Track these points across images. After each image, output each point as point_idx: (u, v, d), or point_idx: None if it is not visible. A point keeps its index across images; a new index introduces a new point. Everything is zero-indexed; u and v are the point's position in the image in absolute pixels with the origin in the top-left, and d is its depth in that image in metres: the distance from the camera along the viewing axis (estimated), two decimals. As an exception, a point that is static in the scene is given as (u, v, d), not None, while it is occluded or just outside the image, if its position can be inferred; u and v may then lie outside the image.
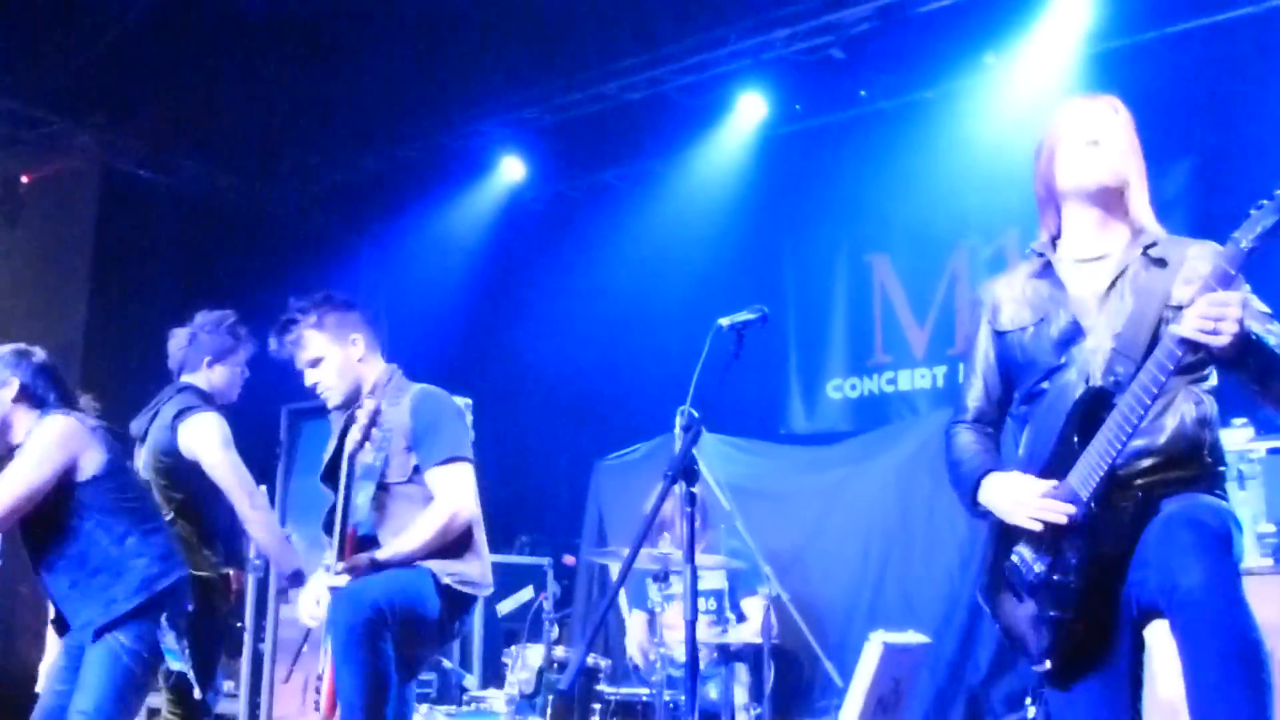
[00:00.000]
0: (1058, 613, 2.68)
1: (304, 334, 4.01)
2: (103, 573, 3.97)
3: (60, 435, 4.01)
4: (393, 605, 3.60)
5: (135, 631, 3.91)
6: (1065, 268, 2.87)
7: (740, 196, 8.28)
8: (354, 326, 4.04)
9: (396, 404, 3.92)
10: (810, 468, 7.29)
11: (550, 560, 6.81)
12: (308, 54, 7.82)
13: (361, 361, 4.03)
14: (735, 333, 3.08)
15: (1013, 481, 2.74)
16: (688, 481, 2.86)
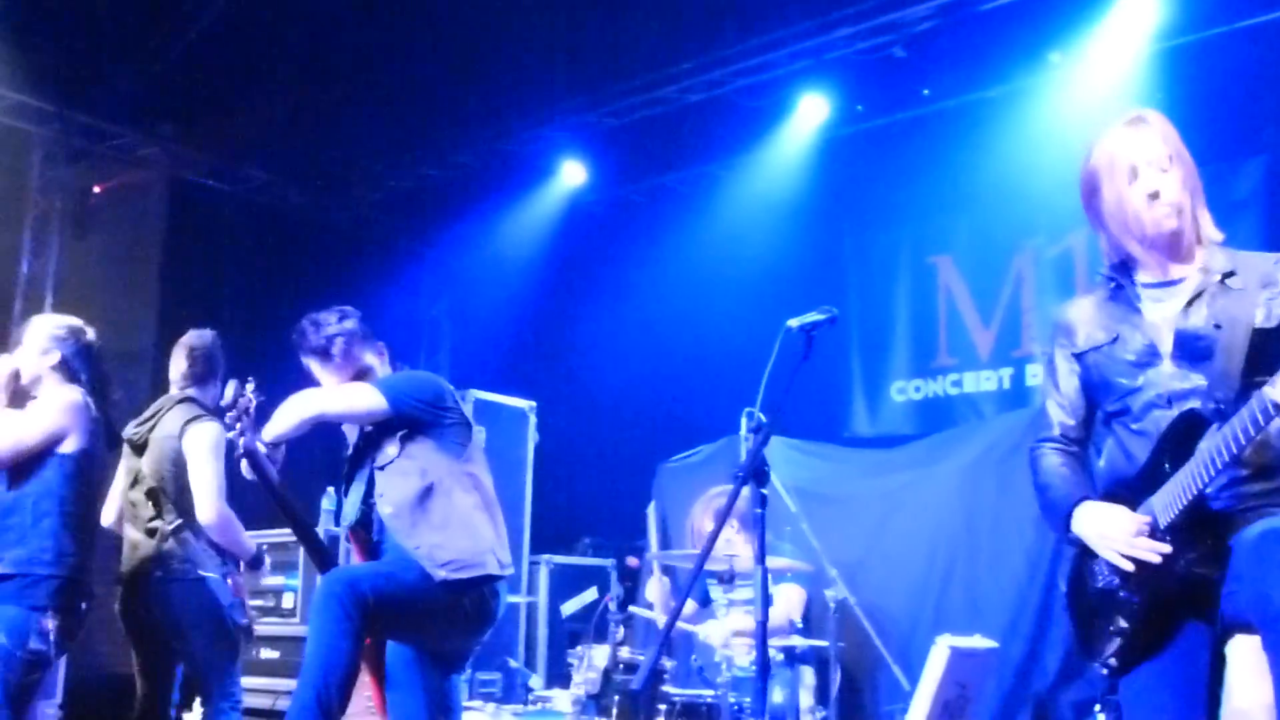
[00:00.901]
0: (1124, 624, 2.71)
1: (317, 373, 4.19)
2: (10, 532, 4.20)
3: (65, 404, 4.28)
4: (376, 589, 3.63)
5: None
6: (1137, 291, 2.85)
7: (802, 198, 8.25)
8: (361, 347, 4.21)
9: None
10: (874, 471, 7.23)
11: (614, 562, 6.84)
12: (370, 63, 7.91)
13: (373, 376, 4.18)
14: (804, 334, 3.06)
15: (1105, 516, 2.71)
16: (758, 482, 2.85)
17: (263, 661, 7.00)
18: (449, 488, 3.87)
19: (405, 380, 4.07)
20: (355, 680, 3.61)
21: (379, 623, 3.65)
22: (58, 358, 4.50)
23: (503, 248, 9.29)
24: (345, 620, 3.50)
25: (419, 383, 4.06)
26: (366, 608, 3.55)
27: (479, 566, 3.80)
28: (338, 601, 3.51)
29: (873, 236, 8.32)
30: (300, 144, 8.92)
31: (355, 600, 3.53)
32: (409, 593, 3.69)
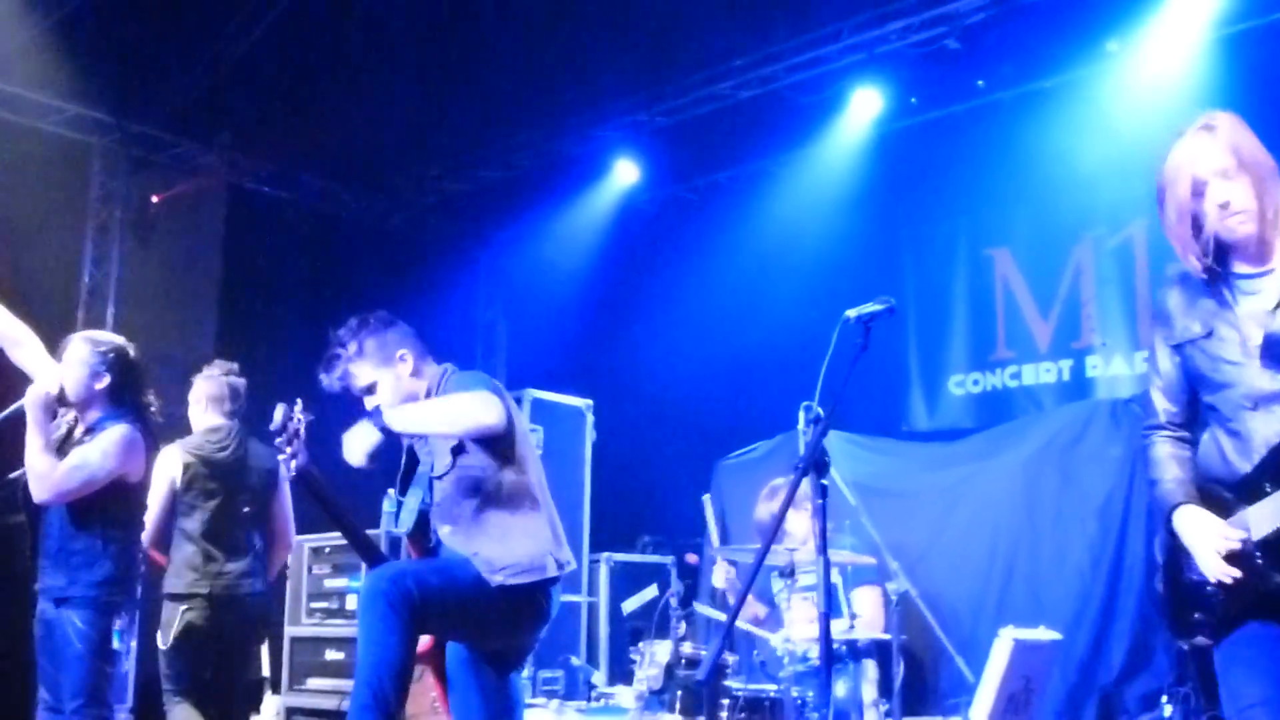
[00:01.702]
0: (1211, 618, 2.80)
1: (349, 367, 4.02)
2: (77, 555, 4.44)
3: (128, 443, 4.48)
4: (423, 584, 3.57)
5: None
6: (1229, 283, 2.84)
7: (856, 193, 8.23)
8: (398, 343, 4.03)
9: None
10: (934, 465, 7.19)
11: (674, 559, 6.85)
12: (423, 68, 7.97)
13: (415, 375, 4.02)
14: (863, 325, 3.04)
15: (1201, 526, 2.78)
16: (818, 473, 2.84)
17: (328, 663, 7.08)
18: (505, 496, 3.82)
19: (486, 385, 3.89)
20: (410, 676, 3.57)
21: (429, 620, 3.60)
22: (108, 382, 4.58)
23: (557, 248, 9.34)
24: (392, 616, 3.47)
25: (488, 383, 3.94)
26: (413, 603, 3.50)
27: (539, 571, 3.76)
28: (383, 598, 3.48)
29: (929, 230, 8.27)
30: (355, 150, 9.01)
31: (401, 595, 3.49)
32: (461, 591, 3.65)
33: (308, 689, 7.18)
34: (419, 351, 4.05)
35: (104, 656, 4.45)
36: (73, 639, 4.41)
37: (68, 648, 4.41)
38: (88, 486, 4.43)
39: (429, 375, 4.03)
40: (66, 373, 4.58)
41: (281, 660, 7.38)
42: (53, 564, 4.49)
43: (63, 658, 4.43)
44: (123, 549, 4.57)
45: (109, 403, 4.61)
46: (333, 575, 7.16)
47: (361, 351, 3.99)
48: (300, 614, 7.31)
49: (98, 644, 4.43)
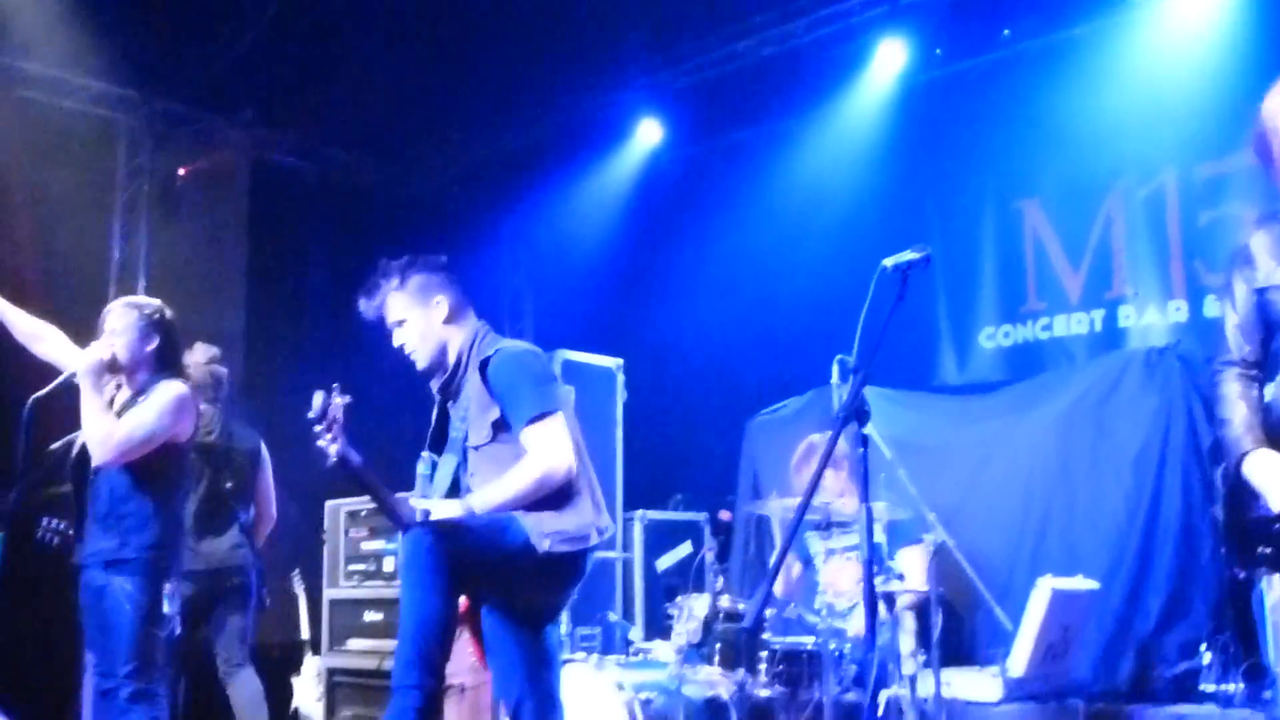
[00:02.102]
0: (1268, 550, 2.88)
1: (388, 297, 4.02)
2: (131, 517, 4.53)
3: (182, 399, 4.60)
4: (464, 541, 3.59)
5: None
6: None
7: (882, 148, 8.17)
8: (438, 289, 4.00)
9: (476, 370, 3.89)
10: (966, 419, 7.19)
11: (706, 516, 6.88)
12: (443, 36, 7.95)
13: (447, 323, 3.99)
14: (899, 273, 3.04)
15: (1274, 471, 2.85)
16: (859, 423, 2.85)
17: (367, 624, 7.15)
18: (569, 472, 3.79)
19: (540, 384, 3.87)
20: (453, 632, 3.60)
21: (469, 579, 3.62)
22: (156, 344, 4.67)
23: (583, 211, 9.34)
24: (433, 575, 3.48)
25: (542, 374, 3.93)
26: (454, 561, 3.51)
27: (583, 540, 3.78)
28: (425, 556, 3.49)
29: (956, 183, 8.21)
30: (377, 120, 9.01)
31: (442, 554, 3.50)
32: (501, 552, 3.66)
33: (348, 650, 7.27)
34: (458, 303, 4.03)
35: (154, 620, 4.52)
36: (124, 603, 4.47)
37: (119, 613, 4.47)
38: (147, 445, 4.51)
39: (464, 329, 4.01)
40: (115, 340, 4.64)
41: (321, 622, 7.47)
42: (102, 528, 4.55)
43: (113, 623, 4.50)
44: (171, 511, 4.64)
45: (156, 365, 4.69)
46: (369, 538, 7.23)
47: (403, 285, 4.00)
48: (339, 576, 7.39)
49: (148, 608, 4.49)
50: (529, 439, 3.75)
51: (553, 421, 3.77)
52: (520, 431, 3.77)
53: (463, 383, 3.95)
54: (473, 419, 3.86)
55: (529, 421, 3.76)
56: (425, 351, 4.01)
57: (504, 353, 3.90)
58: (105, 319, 4.71)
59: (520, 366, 3.88)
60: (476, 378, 3.88)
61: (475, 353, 3.94)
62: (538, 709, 3.85)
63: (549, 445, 3.73)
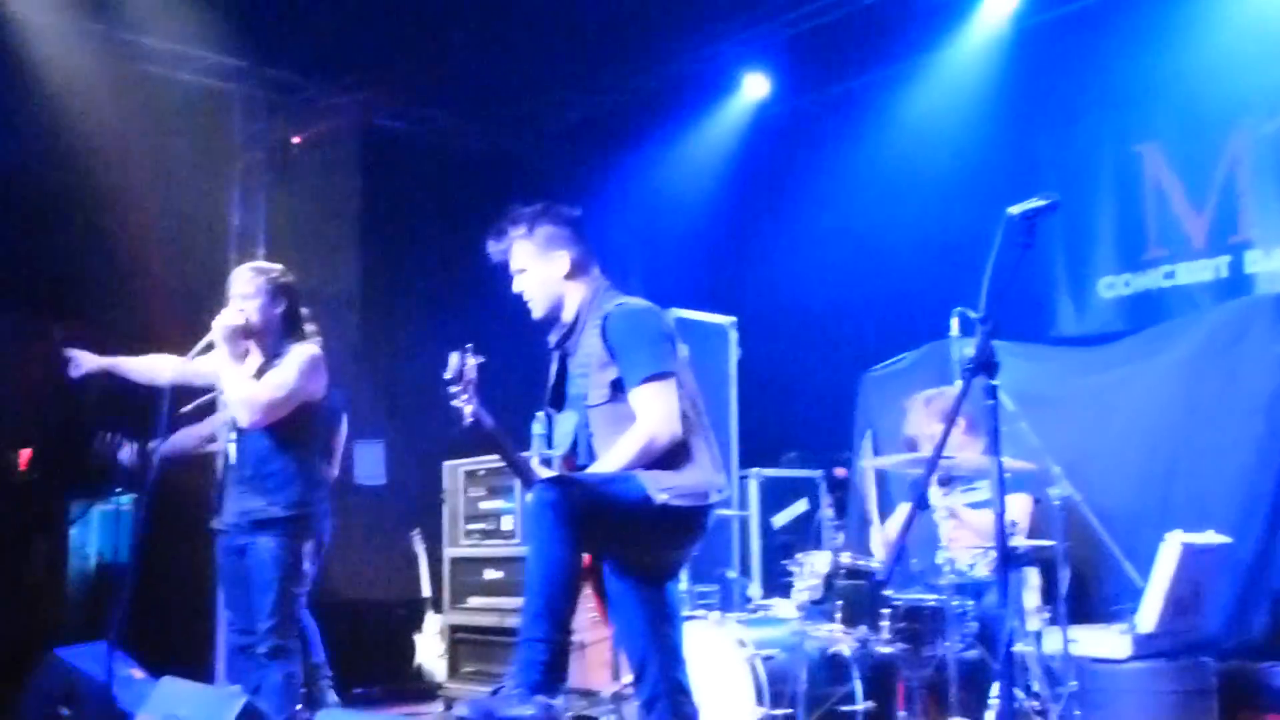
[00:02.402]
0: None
1: (513, 243, 4.03)
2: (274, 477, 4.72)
3: (317, 360, 4.81)
4: (588, 495, 3.60)
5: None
6: None
7: (993, 94, 7.98)
8: (563, 243, 3.99)
9: (595, 326, 3.89)
10: (1086, 369, 7.03)
11: (822, 473, 6.85)
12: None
13: (567, 278, 3.99)
14: (1026, 221, 2.98)
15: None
16: (989, 374, 2.81)
17: (488, 582, 7.29)
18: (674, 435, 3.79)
19: (655, 344, 3.85)
20: (579, 586, 3.64)
21: (593, 532, 3.62)
22: (284, 306, 4.81)
23: (689, 167, 9.30)
24: (560, 527, 3.51)
25: (658, 334, 3.90)
26: (581, 513, 3.54)
27: (702, 497, 3.78)
28: (551, 509, 3.52)
29: (1071, 128, 7.99)
30: (481, 82, 9.05)
31: (568, 506, 3.53)
32: (625, 505, 3.66)
33: (467, 607, 7.42)
34: (581, 258, 4.02)
35: (295, 578, 4.66)
36: (267, 562, 4.60)
37: (262, 571, 4.61)
38: (289, 404, 4.68)
39: (585, 285, 4.01)
40: (245, 304, 4.76)
41: (441, 581, 7.62)
42: (248, 488, 4.69)
43: (256, 581, 4.64)
44: (311, 470, 4.76)
45: (284, 328, 4.81)
46: (488, 497, 7.36)
47: (530, 235, 4.01)
48: (458, 535, 7.54)
49: (291, 566, 4.63)
50: (637, 402, 3.77)
51: (662, 386, 3.76)
52: (630, 391, 3.78)
53: (580, 338, 3.95)
54: (591, 376, 3.87)
55: (640, 382, 3.77)
56: (541, 303, 4.03)
57: (622, 309, 3.89)
58: (232, 284, 4.84)
59: (637, 324, 3.88)
60: (595, 334, 3.88)
61: (594, 309, 3.94)
62: (662, 664, 3.88)
63: (655, 411, 3.74)
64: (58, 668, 5.75)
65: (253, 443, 4.73)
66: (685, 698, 3.90)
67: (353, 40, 8.33)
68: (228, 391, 4.68)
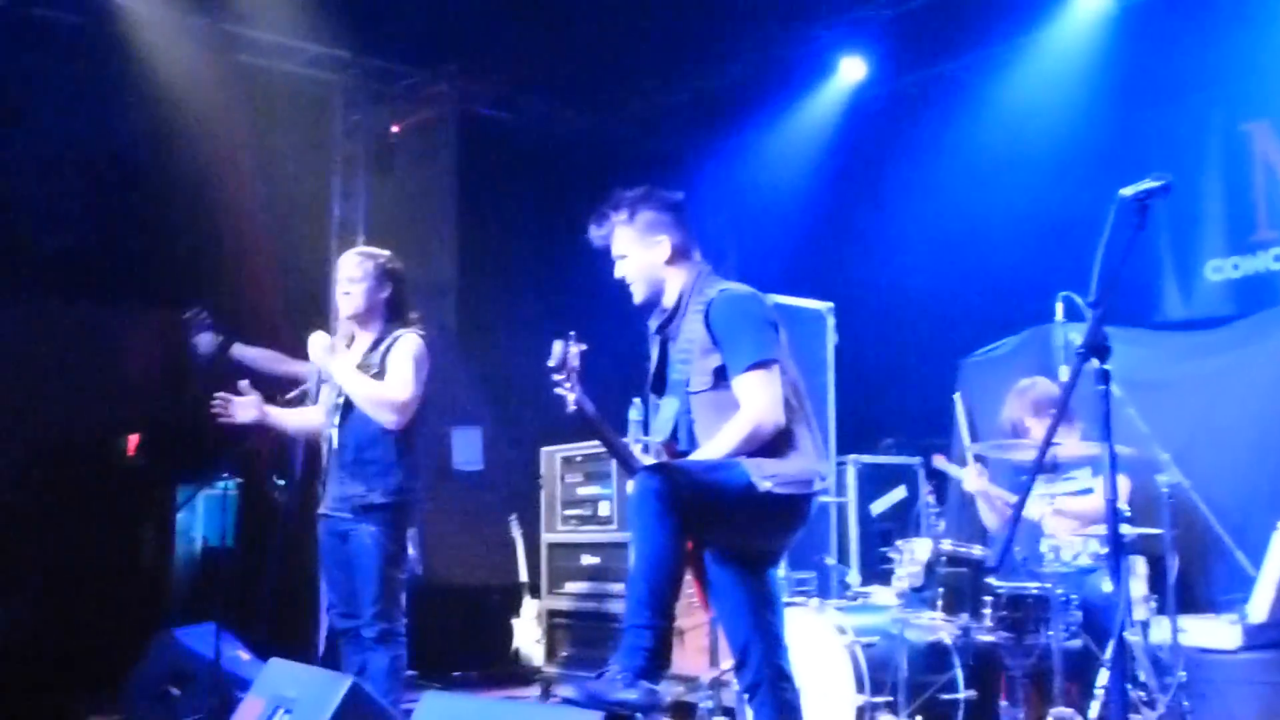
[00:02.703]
0: None
1: (614, 228, 4.02)
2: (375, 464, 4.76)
3: (424, 352, 4.87)
4: (692, 482, 3.60)
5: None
6: None
7: (1097, 73, 7.82)
8: (663, 228, 3.98)
9: (698, 312, 3.87)
10: (1193, 354, 6.89)
11: (920, 460, 6.79)
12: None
13: (668, 263, 3.97)
14: (1138, 203, 2.92)
15: None
16: (1100, 359, 2.76)
17: (584, 567, 7.33)
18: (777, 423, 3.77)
19: (759, 331, 3.83)
20: (682, 571, 3.63)
21: (696, 518, 3.62)
22: (390, 291, 4.89)
23: (784, 151, 9.25)
24: (664, 513, 3.51)
25: (762, 320, 3.87)
26: (684, 500, 3.54)
27: (806, 485, 3.77)
28: (654, 496, 3.52)
29: (1177, 107, 7.79)
30: (577, 67, 9.08)
31: (673, 492, 3.53)
32: (729, 492, 3.66)
33: (565, 592, 7.47)
34: (682, 244, 4.01)
35: (397, 563, 4.74)
36: (370, 547, 4.69)
37: (365, 556, 4.70)
38: (418, 400, 4.79)
39: (686, 270, 4.00)
40: (352, 287, 4.85)
41: (539, 566, 7.69)
42: (350, 474, 4.78)
43: (359, 566, 4.72)
44: (413, 457, 4.84)
45: (389, 313, 4.89)
46: (585, 483, 7.40)
47: (631, 220, 4.00)
48: (556, 521, 7.60)
49: (393, 552, 4.71)
50: (740, 389, 3.75)
51: (766, 374, 3.75)
52: (734, 378, 3.77)
53: (682, 323, 3.95)
54: (694, 363, 3.86)
55: (744, 370, 3.75)
56: (641, 288, 4.03)
57: (726, 295, 3.88)
58: (340, 268, 4.93)
59: (741, 310, 3.86)
60: (698, 320, 3.86)
61: (696, 294, 3.93)
62: (765, 650, 3.87)
63: (759, 400, 3.72)
64: (168, 649, 5.91)
65: (355, 429, 4.81)
66: (787, 684, 3.90)
67: (451, 28, 8.42)
68: (366, 399, 4.76)
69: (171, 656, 5.87)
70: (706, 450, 3.79)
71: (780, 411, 3.74)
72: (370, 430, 4.78)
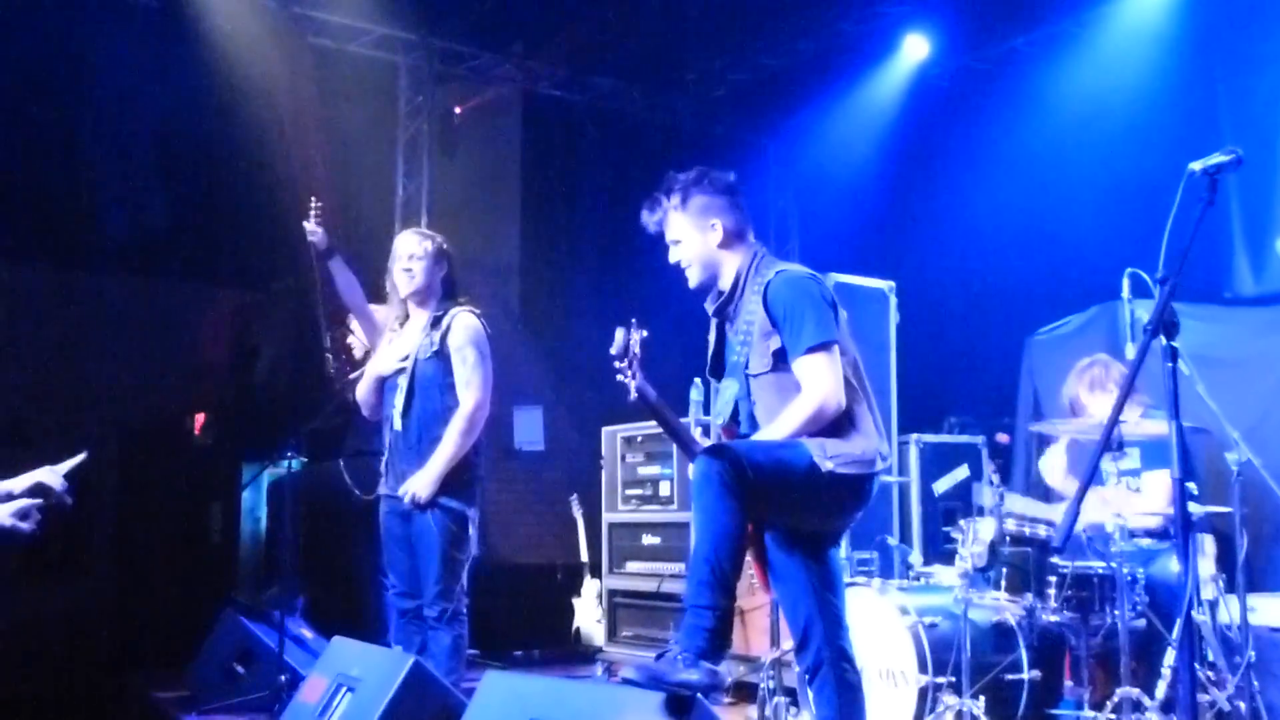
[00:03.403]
0: None
1: (668, 214, 3.99)
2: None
3: (484, 335, 4.98)
4: (754, 463, 3.57)
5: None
6: None
7: (1167, 45, 7.68)
8: (717, 212, 3.94)
9: (756, 294, 3.84)
10: (1265, 331, 6.76)
11: (984, 439, 6.73)
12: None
13: (722, 246, 3.94)
14: (1208, 177, 2.87)
15: None
16: (1168, 336, 2.72)
17: (645, 547, 7.36)
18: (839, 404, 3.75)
19: (819, 312, 3.78)
20: (744, 552, 3.63)
21: (759, 499, 3.61)
22: (445, 270, 4.98)
23: (848, 130, 9.19)
24: (726, 494, 3.50)
25: (821, 301, 3.82)
26: (746, 481, 3.53)
27: (868, 464, 3.75)
28: (717, 477, 3.51)
29: (1251, 79, 7.61)
30: (641, 47, 9.09)
31: (734, 474, 3.52)
32: (791, 472, 3.65)
33: (626, 572, 7.50)
34: (737, 226, 3.98)
35: (460, 545, 4.78)
36: (433, 528, 4.73)
37: (428, 536, 4.75)
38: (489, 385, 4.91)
39: (742, 252, 3.97)
40: (413, 264, 4.93)
41: (600, 546, 7.73)
42: (414, 455, 4.83)
43: (422, 548, 4.78)
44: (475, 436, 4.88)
45: (445, 290, 4.97)
46: (646, 463, 7.42)
47: (684, 205, 3.97)
48: (617, 501, 7.62)
49: (456, 533, 4.75)
50: (801, 371, 3.74)
51: (827, 355, 3.72)
52: (794, 360, 3.75)
53: (740, 305, 3.93)
54: (754, 345, 3.84)
55: (805, 351, 3.73)
56: (696, 272, 4.00)
57: (784, 276, 3.85)
58: (399, 246, 5.02)
59: (801, 291, 3.82)
60: (756, 302, 3.84)
61: (754, 276, 3.91)
62: (826, 631, 3.85)
63: (821, 381, 3.70)
64: (233, 627, 6.00)
65: (419, 410, 4.86)
66: (849, 665, 3.88)
67: (515, 9, 8.45)
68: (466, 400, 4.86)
69: (237, 635, 5.96)
70: (769, 432, 3.78)
71: (842, 392, 3.73)
72: (433, 409, 4.84)
